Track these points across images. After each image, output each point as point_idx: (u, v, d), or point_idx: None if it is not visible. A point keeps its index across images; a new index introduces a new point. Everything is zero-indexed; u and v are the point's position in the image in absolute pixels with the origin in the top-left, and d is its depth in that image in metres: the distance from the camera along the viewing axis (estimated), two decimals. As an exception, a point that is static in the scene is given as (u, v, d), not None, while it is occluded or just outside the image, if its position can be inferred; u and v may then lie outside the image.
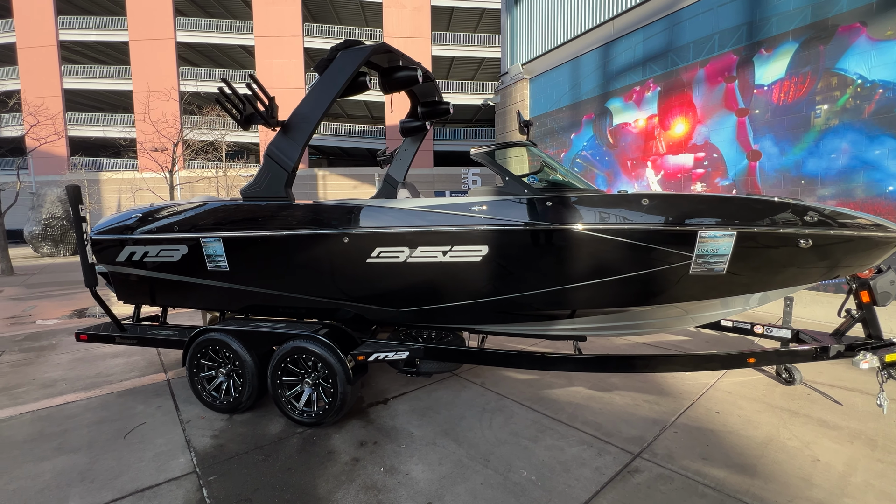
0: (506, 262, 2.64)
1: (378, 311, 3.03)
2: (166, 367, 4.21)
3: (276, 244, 3.03)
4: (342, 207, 2.91)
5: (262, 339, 3.06)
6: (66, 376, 4.00)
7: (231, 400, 3.13)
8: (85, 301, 7.99)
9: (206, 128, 22.37)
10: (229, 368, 3.18)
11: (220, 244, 3.15)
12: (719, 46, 6.24)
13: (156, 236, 3.33)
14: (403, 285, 2.87)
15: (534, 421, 3.01)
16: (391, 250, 2.78)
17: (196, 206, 3.26)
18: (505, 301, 2.74)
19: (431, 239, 2.69)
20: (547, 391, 3.52)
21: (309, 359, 2.94)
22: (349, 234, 2.84)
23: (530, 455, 2.59)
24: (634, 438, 2.76)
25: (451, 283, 2.76)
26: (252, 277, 3.20)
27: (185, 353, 3.22)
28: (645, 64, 7.34)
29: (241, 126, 2.99)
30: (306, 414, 2.95)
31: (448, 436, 2.83)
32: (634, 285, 2.58)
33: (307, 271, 3.05)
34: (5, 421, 3.13)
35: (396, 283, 2.87)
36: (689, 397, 3.34)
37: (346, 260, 2.90)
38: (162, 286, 3.48)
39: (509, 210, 2.60)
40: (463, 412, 3.16)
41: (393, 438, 2.81)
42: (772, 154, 5.76)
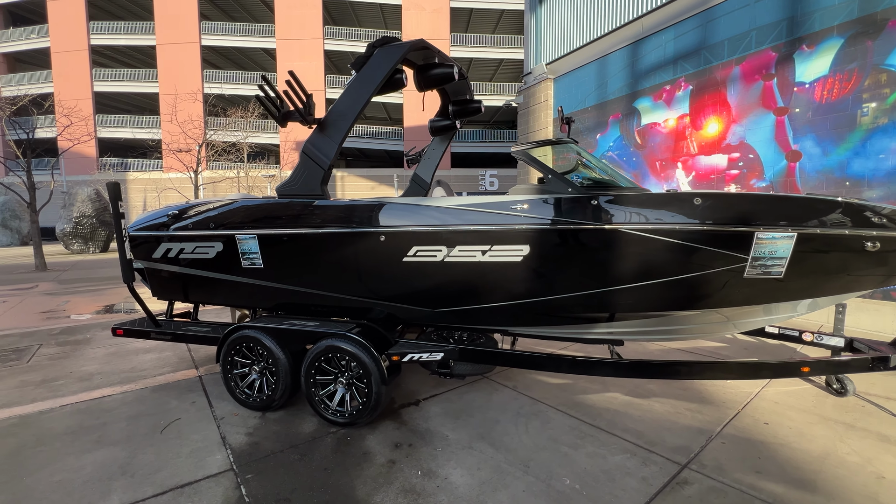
0: (548, 262, 2.56)
1: (412, 310, 2.98)
2: (197, 363, 4.25)
3: (311, 242, 3.01)
4: (378, 205, 2.88)
5: (296, 338, 3.05)
6: (102, 370, 4.07)
7: (264, 398, 3.13)
8: (114, 297, 8.19)
9: (228, 129, 22.84)
10: (262, 366, 3.18)
11: (254, 241, 3.15)
12: (757, 43, 6.03)
13: (191, 233, 3.35)
14: (440, 285, 2.81)
15: (572, 427, 2.92)
16: (428, 249, 2.73)
17: (231, 204, 3.28)
18: (546, 303, 2.66)
19: (470, 238, 2.63)
20: (582, 396, 3.41)
21: (343, 358, 2.91)
22: (385, 233, 2.80)
23: (571, 462, 2.50)
24: (680, 448, 2.64)
25: (490, 284, 2.70)
26: (286, 275, 3.19)
27: (219, 350, 3.23)
28: (676, 62, 7.16)
29: (279, 123, 2.99)
30: (339, 413, 2.92)
31: (484, 440, 2.77)
32: (682, 289, 2.47)
33: (341, 270, 3.02)
34: (46, 413, 3.19)
35: (433, 283, 2.82)
36: (733, 406, 3.20)
37: (381, 259, 2.87)
38: (196, 283, 3.51)
39: (553, 209, 2.52)
40: (497, 416, 3.09)
41: (428, 441, 2.75)
42: (813, 154, 5.53)
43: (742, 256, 2.30)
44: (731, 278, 2.36)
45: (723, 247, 2.29)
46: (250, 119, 24.60)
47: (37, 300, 7.98)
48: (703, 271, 2.36)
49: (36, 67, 34.14)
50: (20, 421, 3.07)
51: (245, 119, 24.00)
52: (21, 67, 34.86)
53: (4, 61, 33.34)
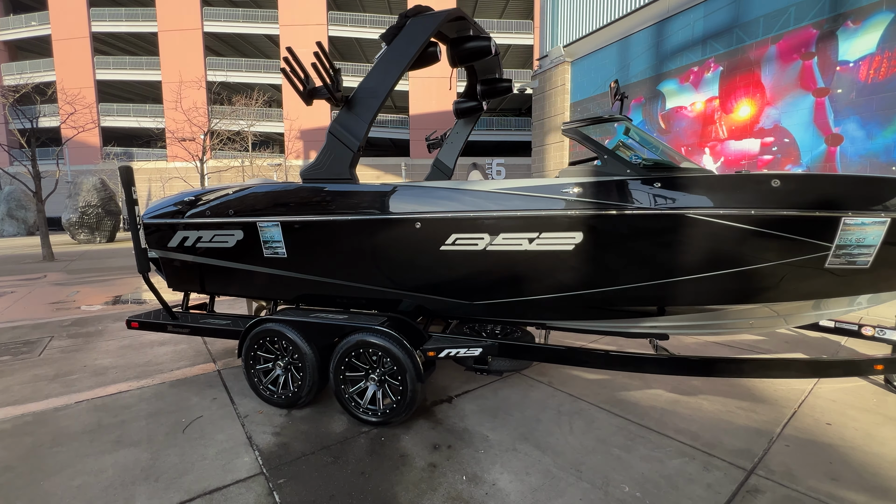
0: (603, 251, 2.34)
1: (447, 303, 2.78)
2: (214, 356, 4.09)
3: (340, 230, 2.80)
4: (414, 189, 2.66)
5: (324, 332, 2.86)
6: (117, 364, 3.92)
7: (290, 394, 2.96)
8: (124, 287, 8.06)
9: (233, 117, 22.53)
10: (287, 361, 3.00)
11: (277, 229, 2.95)
12: (795, 20, 5.70)
13: (209, 220, 3.16)
14: (480, 276, 2.61)
15: (619, 427, 2.74)
16: (469, 237, 2.52)
17: (252, 189, 3.07)
18: (597, 295, 2.45)
19: (516, 225, 2.42)
20: (623, 393, 3.22)
21: (375, 353, 2.72)
22: (421, 219, 2.59)
23: (627, 467, 2.32)
24: (741, 451, 2.45)
25: (537, 275, 2.49)
26: (311, 265, 2.99)
27: (241, 344, 3.05)
28: (705, 42, 6.82)
29: (305, 100, 2.76)
30: (371, 412, 2.75)
31: (527, 441, 2.58)
32: (751, 280, 2.25)
33: (372, 259, 2.82)
34: (62, 410, 3.04)
35: (472, 274, 2.62)
36: (787, 404, 3.00)
37: (416, 247, 2.66)
38: (215, 273, 3.32)
39: (609, 192, 2.30)
40: (537, 414, 2.91)
41: (468, 442, 2.57)
42: (856, 137, 5.23)
43: (825, 245, 2.08)
44: (810, 268, 2.14)
45: (804, 234, 2.07)
46: (254, 107, 24.28)
47: (46, 291, 7.85)
48: (778, 261, 2.14)
49: (37, 56, 33.80)
50: (35, 419, 2.92)
51: (249, 107, 23.68)
52: (22, 55, 34.54)
53: (6, 49, 33.01)
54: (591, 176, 2.37)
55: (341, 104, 2.83)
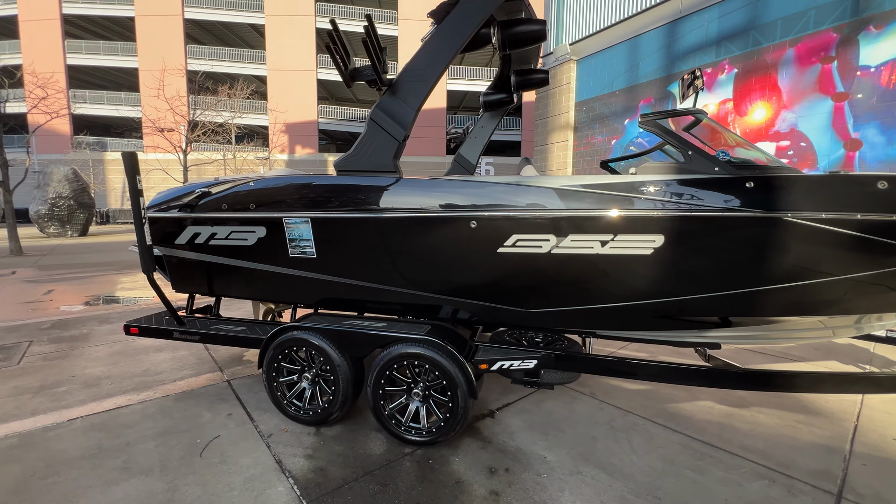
0: (686, 256, 2.14)
1: (499, 310, 2.53)
2: (220, 364, 3.73)
3: (380, 228, 2.52)
4: (470, 184, 2.40)
5: (362, 342, 2.57)
6: (110, 373, 3.51)
7: (319, 411, 2.65)
8: (104, 286, 7.50)
9: (216, 108, 21.65)
10: (315, 373, 2.70)
11: (307, 226, 2.64)
12: (815, 23, 5.66)
13: (226, 215, 2.82)
14: (541, 282, 2.37)
15: (682, 444, 2.54)
16: (532, 238, 2.28)
17: (279, 181, 2.75)
18: (671, 304, 2.24)
19: (588, 225, 2.19)
20: (673, 406, 3.04)
21: (421, 366, 2.45)
22: (478, 218, 2.33)
23: (707, 492, 2.12)
24: (819, 472, 2.29)
25: (608, 281, 2.27)
26: (344, 267, 2.70)
27: (263, 354, 2.73)
28: (719, 43, 6.76)
29: (346, 81, 2.46)
30: (415, 431, 2.48)
31: (589, 462, 2.36)
32: (841, 290, 2.08)
33: (417, 261, 2.55)
34: (52, 430, 2.65)
35: (532, 279, 2.38)
36: (844, 416, 2.88)
37: (471, 249, 2.40)
38: (229, 274, 2.98)
39: (696, 192, 2.09)
40: (591, 431, 2.69)
41: (525, 464, 2.33)
42: (876, 143, 5.22)
43: None
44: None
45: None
46: (238, 98, 23.42)
47: (17, 288, 7.23)
48: (879, 269, 1.97)
49: (2, 37, 31.83)
50: (21, 441, 2.53)
51: (232, 98, 22.84)
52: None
53: (-34, 29, 30.97)
54: (675, 173, 2.16)
55: (384, 88, 2.54)
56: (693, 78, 2.78)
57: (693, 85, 2.77)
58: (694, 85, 2.76)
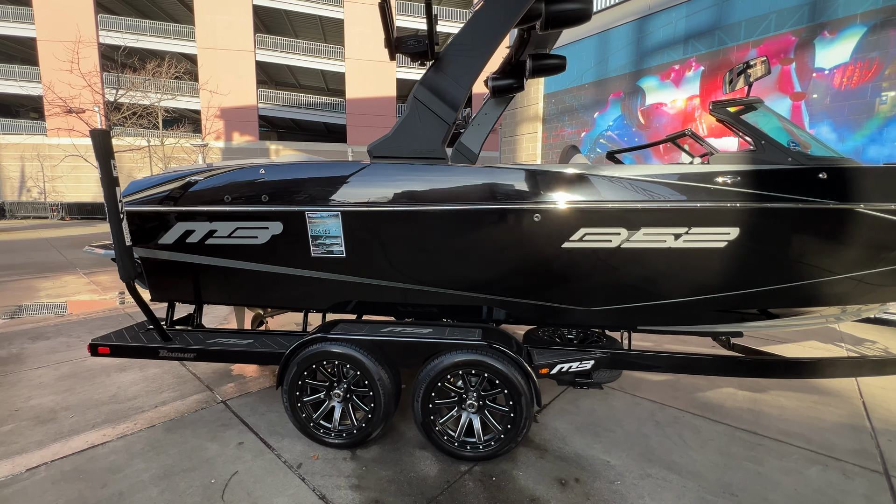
0: (758, 249, 2.10)
1: (560, 310, 2.36)
2: (206, 382, 3.21)
3: (427, 222, 2.23)
4: (532, 173, 2.18)
5: (410, 352, 2.28)
6: (67, 403, 2.88)
7: (355, 431, 2.33)
8: (23, 294, 6.31)
9: (140, 89, 19.20)
10: (346, 389, 2.36)
11: (337, 221, 2.28)
12: (776, 27, 6.06)
13: (230, 209, 2.36)
14: (608, 278, 2.23)
15: (728, 434, 2.56)
16: (602, 232, 2.12)
17: (300, 168, 2.35)
18: (738, 297, 2.20)
19: (663, 218, 2.07)
20: (699, 395, 3.09)
21: (479, 375, 2.22)
22: (542, 210, 2.13)
23: (774, 483, 2.12)
24: (857, 451, 2.40)
25: (678, 275, 2.18)
26: (379, 267, 2.38)
27: (283, 371, 2.34)
28: (687, 41, 7.05)
29: (390, 53, 2.12)
30: (471, 446, 2.25)
31: (653, 462, 2.29)
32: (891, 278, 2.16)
33: (466, 259, 2.29)
34: (9, 485, 2.07)
35: (598, 276, 2.23)
36: (849, 395, 3.08)
37: (533, 244, 2.20)
38: (229, 279, 2.52)
39: (771, 183, 2.05)
40: (638, 428, 2.63)
41: (593, 472, 2.20)
42: (829, 140, 5.71)
43: None
44: None
45: None
46: (165, 78, 21.00)
47: None
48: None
49: None
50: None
51: (158, 77, 20.43)
52: None
53: None
54: (747, 163, 2.10)
55: (429, 63, 2.24)
56: (745, 66, 2.76)
57: (745, 73, 2.75)
58: (746, 73, 2.74)
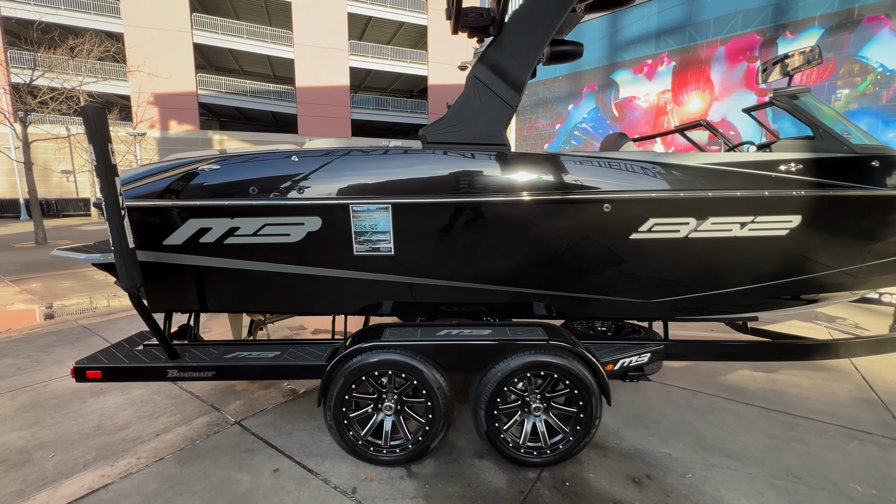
0: (817, 236, 2.13)
1: (619, 303, 2.28)
2: (209, 401, 2.82)
3: (489, 214, 2.05)
4: (604, 160, 2.07)
5: (471, 356, 2.10)
6: (41, 439, 2.39)
7: (410, 446, 2.12)
8: (-65, 307, 5.29)
9: (56, 70, 16.85)
10: (396, 400, 2.14)
11: (386, 215, 2.04)
12: (742, 25, 6.42)
13: (257, 203, 2.04)
14: (673, 269, 2.18)
15: (765, 417, 2.65)
16: (671, 222, 2.06)
17: (340, 154, 2.06)
18: (794, 284, 2.25)
19: (731, 207, 2.05)
20: (721, 378, 3.18)
21: (548, 376, 2.09)
22: (613, 200, 2.03)
23: (828, 463, 2.21)
24: (881, 423, 2.57)
25: (739, 264, 2.17)
26: (431, 264, 2.17)
27: (326, 386, 2.07)
28: (659, 37, 7.31)
29: (453, 27, 1.90)
30: (537, 451, 2.12)
31: (711, 450, 2.30)
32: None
33: (529, 253, 2.15)
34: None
35: (663, 266, 2.17)
36: (846, 370, 3.32)
37: (601, 236, 2.09)
38: (250, 283, 2.20)
39: (832, 171, 2.08)
40: (682, 416, 2.65)
41: (660, 466, 2.17)
42: (790, 133, 6.15)
43: None
44: None
45: None
46: (86, 59, 18.63)
47: None
48: None
49: None
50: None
51: (80, 58, 18.08)
52: None
53: None
54: (809, 152, 2.13)
55: (481, 39, 2.04)
56: (783, 56, 2.81)
57: (781, 63, 2.79)
58: (783, 63, 2.79)
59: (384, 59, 30.60)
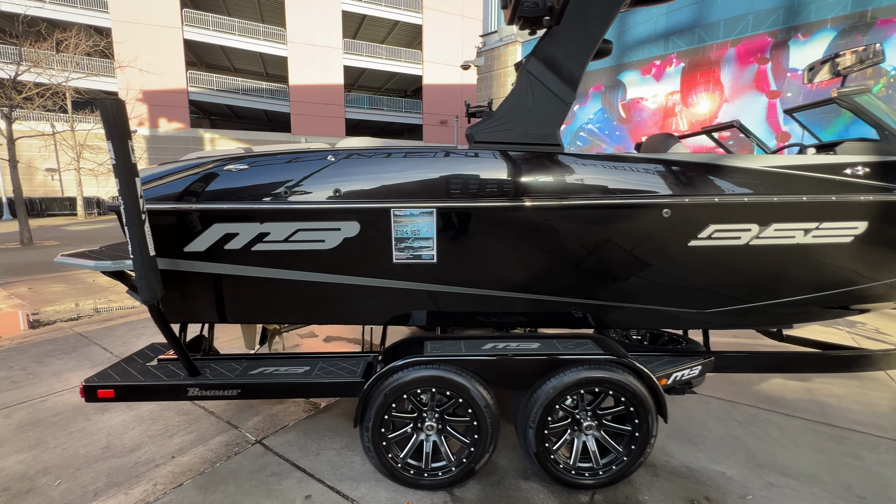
0: (881, 243, 2.03)
1: (669, 313, 2.15)
2: (222, 416, 2.63)
3: (541, 220, 1.91)
4: (665, 163, 1.94)
5: (521, 372, 1.95)
6: (44, 464, 2.18)
7: (454, 468, 1.97)
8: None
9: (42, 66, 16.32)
10: (438, 419, 1.99)
11: (430, 220, 1.89)
12: (753, 27, 6.38)
13: (289, 207, 1.87)
14: (731, 277, 2.06)
15: (811, 430, 2.55)
16: (733, 228, 1.94)
17: (379, 154, 1.90)
18: (852, 293, 2.14)
19: (796, 212, 1.93)
20: (755, 388, 3.09)
21: (602, 392, 1.96)
22: (673, 205, 1.90)
23: (884, 479, 2.12)
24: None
25: (800, 272, 2.06)
26: (476, 272, 2.02)
27: (365, 405, 1.91)
28: (668, 38, 7.25)
29: (509, 16, 1.75)
30: (589, 472, 1.99)
31: (765, 468, 2.19)
32: None
33: (580, 261, 2.01)
34: None
35: (721, 275, 2.05)
36: (881, 378, 3.25)
37: (658, 243, 1.97)
38: (276, 293, 2.03)
39: (894, 174, 1.98)
40: (726, 430, 2.54)
41: (717, 487, 2.05)
42: (798, 137, 6.12)
43: None
44: None
45: None
46: (73, 54, 18.10)
47: None
48: None
49: None
50: None
51: (66, 52, 17.56)
52: None
53: None
54: (874, 154, 2.02)
55: (534, 31, 1.90)
56: (833, 56, 2.70)
57: (832, 62, 2.69)
58: (833, 62, 2.68)
59: (379, 58, 30.37)
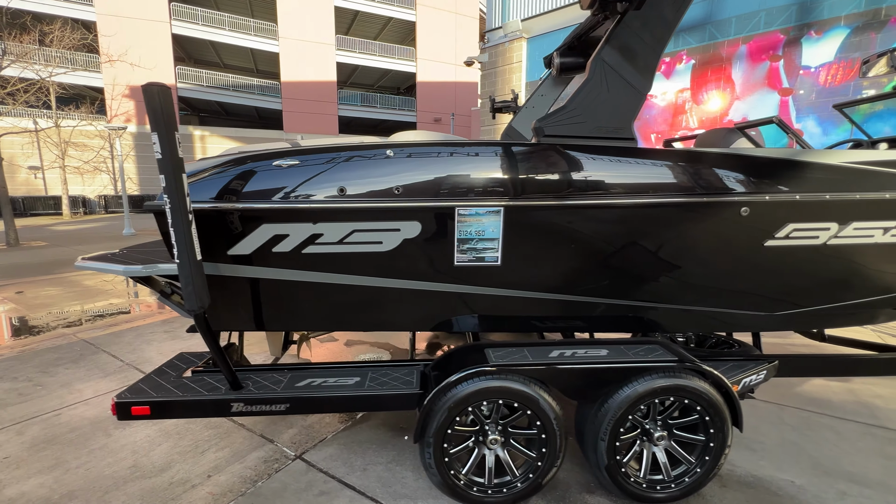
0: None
1: (737, 316, 2.06)
2: (254, 429, 2.47)
3: (614, 219, 1.80)
4: (744, 159, 1.84)
5: (592, 381, 1.84)
6: (68, 486, 2.00)
7: (519, 484, 1.85)
8: None
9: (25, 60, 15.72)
10: (502, 432, 1.87)
11: (497, 220, 1.76)
12: (765, 24, 6.35)
13: (344, 206, 1.72)
14: (805, 278, 1.97)
15: (868, 433, 2.48)
16: (811, 227, 1.85)
17: (445, 151, 1.76)
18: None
19: (877, 210, 1.85)
20: (799, 388, 3.02)
21: (678, 400, 1.85)
22: (751, 203, 1.80)
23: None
24: None
25: (876, 273, 1.98)
26: (541, 275, 1.90)
27: (427, 419, 1.78)
28: (678, 35, 7.19)
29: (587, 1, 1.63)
30: (660, 485, 1.89)
31: (833, 475, 2.11)
32: None
33: (650, 262, 1.90)
34: None
35: (796, 275, 1.96)
36: None
37: (732, 242, 1.87)
38: (327, 298, 1.88)
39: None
40: (781, 434, 2.47)
41: (787, 496, 1.97)
42: (814, 134, 6.13)
43: None
44: None
45: None
46: (57, 48, 17.50)
47: None
48: None
49: None
50: None
51: (52, 47, 16.98)
52: None
53: None
54: None
55: (616, 18, 1.78)
56: (891, 49, 2.63)
57: (891, 55, 2.62)
58: (892, 55, 2.61)
59: (372, 54, 30.04)
